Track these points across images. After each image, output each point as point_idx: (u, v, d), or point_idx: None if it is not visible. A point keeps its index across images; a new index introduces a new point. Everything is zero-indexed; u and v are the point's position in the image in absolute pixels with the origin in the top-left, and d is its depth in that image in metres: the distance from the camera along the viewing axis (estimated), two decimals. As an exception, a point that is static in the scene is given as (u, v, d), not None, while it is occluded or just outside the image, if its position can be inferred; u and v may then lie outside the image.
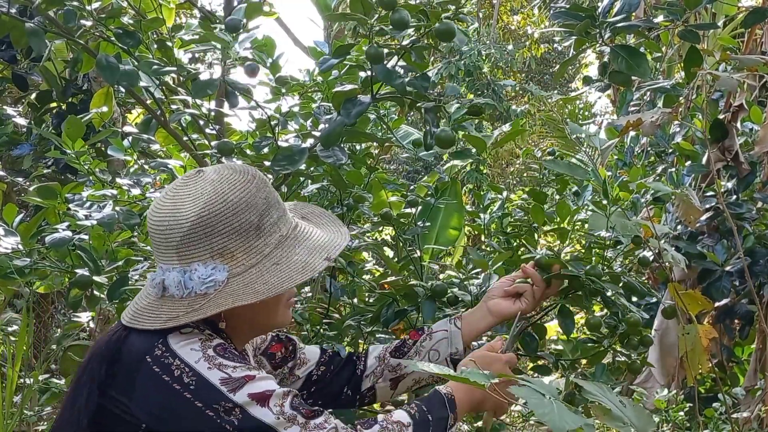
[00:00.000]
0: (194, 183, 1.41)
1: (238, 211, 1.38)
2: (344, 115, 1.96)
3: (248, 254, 1.39)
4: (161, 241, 1.39)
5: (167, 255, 1.39)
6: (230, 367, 1.32)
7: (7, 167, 4.50)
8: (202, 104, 2.20)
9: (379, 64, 1.91)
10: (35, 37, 2.17)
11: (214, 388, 1.30)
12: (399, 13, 1.86)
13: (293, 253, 1.42)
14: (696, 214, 2.92)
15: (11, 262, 2.24)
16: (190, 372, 1.31)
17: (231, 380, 1.31)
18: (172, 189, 1.43)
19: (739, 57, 2.36)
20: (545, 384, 1.13)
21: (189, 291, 1.37)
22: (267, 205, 1.42)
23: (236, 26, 2.04)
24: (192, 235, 1.37)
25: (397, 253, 2.83)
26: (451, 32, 1.90)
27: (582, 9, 2.05)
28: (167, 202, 1.41)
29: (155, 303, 1.41)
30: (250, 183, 1.41)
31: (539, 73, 15.13)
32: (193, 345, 1.34)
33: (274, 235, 1.42)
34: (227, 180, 1.40)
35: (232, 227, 1.37)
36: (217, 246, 1.37)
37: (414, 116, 2.28)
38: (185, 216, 1.37)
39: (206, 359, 1.32)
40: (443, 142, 2.04)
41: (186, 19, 4.52)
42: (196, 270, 1.37)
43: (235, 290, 1.37)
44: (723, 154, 3.08)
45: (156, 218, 1.40)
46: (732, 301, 3.25)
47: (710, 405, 3.35)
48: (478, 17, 13.89)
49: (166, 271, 1.39)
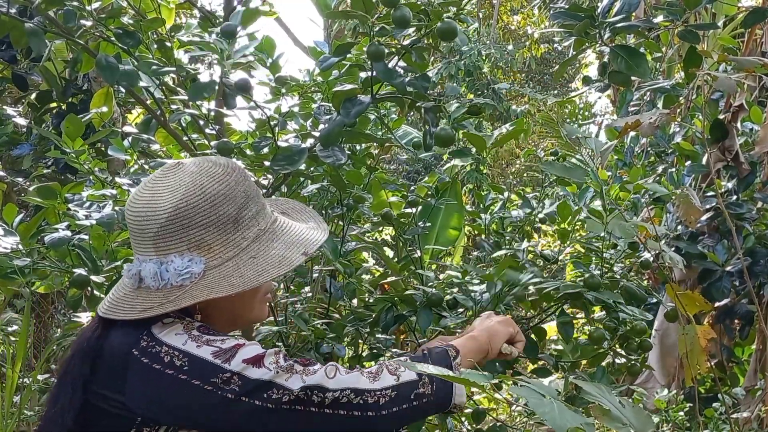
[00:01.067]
0: (173, 174, 1.41)
1: (217, 203, 1.38)
2: (344, 115, 1.96)
3: (225, 247, 1.38)
4: (138, 232, 1.39)
5: (144, 246, 1.39)
6: (218, 341, 1.33)
7: (7, 167, 4.50)
8: (201, 104, 2.20)
9: (379, 62, 1.90)
10: (35, 37, 2.17)
11: (208, 363, 1.30)
12: (401, 10, 1.86)
13: (271, 247, 1.42)
14: (696, 215, 2.92)
15: (11, 262, 2.24)
16: (180, 354, 1.31)
17: (222, 351, 1.31)
18: (150, 180, 1.42)
19: (737, 58, 2.36)
20: (544, 385, 1.13)
21: (165, 282, 1.37)
22: (246, 199, 1.41)
23: (232, 32, 2.04)
24: (169, 226, 1.36)
25: (397, 253, 2.83)
26: (452, 32, 1.89)
27: (581, 9, 2.05)
28: (145, 193, 1.40)
29: (131, 294, 1.40)
30: (229, 176, 1.40)
31: (539, 73, 15.12)
32: (177, 330, 1.35)
33: (252, 229, 1.42)
34: (206, 172, 1.40)
35: (210, 219, 1.37)
36: (194, 238, 1.37)
37: (414, 116, 2.27)
38: (162, 207, 1.36)
39: (193, 339, 1.33)
40: (443, 141, 2.03)
41: (186, 19, 4.52)
42: (172, 261, 1.36)
43: (211, 282, 1.37)
44: (723, 154, 3.08)
45: (134, 209, 1.39)
46: (732, 302, 3.25)
47: (710, 405, 3.35)
48: (478, 17, 13.89)
49: (143, 263, 1.39)
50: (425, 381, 1.42)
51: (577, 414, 1.06)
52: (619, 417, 1.13)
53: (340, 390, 1.34)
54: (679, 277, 3.18)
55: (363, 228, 2.60)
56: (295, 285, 2.50)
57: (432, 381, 1.42)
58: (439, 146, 2.09)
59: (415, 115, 2.13)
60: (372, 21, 1.88)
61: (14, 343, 4.65)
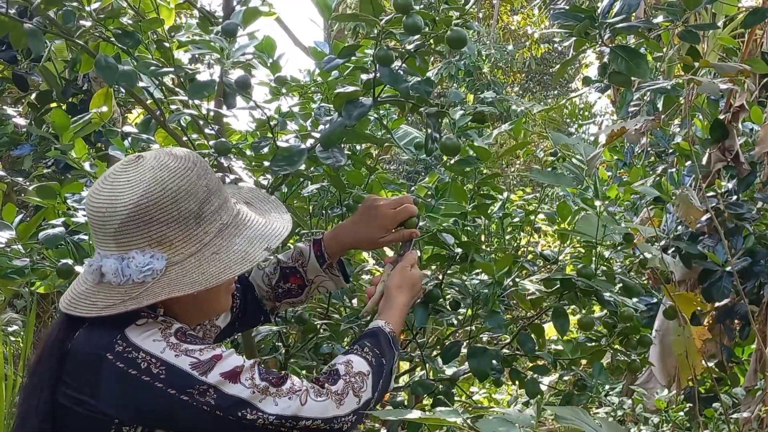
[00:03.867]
0: (133, 169, 1.39)
1: (178, 199, 1.36)
2: (345, 117, 1.96)
3: (187, 243, 1.37)
4: (99, 227, 1.37)
5: (105, 242, 1.38)
6: (197, 351, 1.33)
7: (7, 167, 4.50)
8: (201, 104, 2.20)
9: (387, 65, 1.90)
10: (34, 38, 2.17)
11: (185, 374, 1.30)
12: (413, 17, 1.86)
13: (233, 243, 1.41)
14: (696, 215, 2.92)
15: (11, 262, 2.24)
16: (157, 362, 1.31)
17: (200, 363, 1.32)
18: (110, 175, 1.40)
19: (717, 65, 2.36)
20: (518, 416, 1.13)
21: (126, 279, 1.35)
22: (208, 193, 1.40)
23: (233, 31, 2.04)
24: (130, 223, 1.35)
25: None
26: (462, 40, 1.89)
27: (581, 10, 2.05)
28: (105, 187, 1.38)
29: (92, 289, 1.39)
30: (190, 171, 1.39)
31: (539, 73, 15.11)
32: (154, 336, 1.34)
33: (215, 224, 1.40)
34: (166, 167, 1.38)
35: (171, 215, 1.36)
36: (156, 234, 1.35)
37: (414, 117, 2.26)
38: (123, 203, 1.35)
39: (171, 347, 1.32)
40: (449, 150, 2.03)
41: (186, 19, 4.52)
42: (133, 258, 1.35)
43: (173, 279, 1.36)
44: (723, 154, 3.08)
45: (94, 204, 1.38)
46: (732, 302, 3.24)
47: (710, 405, 3.35)
48: (478, 17, 13.88)
49: (104, 258, 1.37)
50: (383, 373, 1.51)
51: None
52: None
53: (312, 419, 1.37)
54: (679, 277, 3.18)
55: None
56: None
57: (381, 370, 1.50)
58: (445, 155, 2.09)
59: (415, 116, 2.13)
60: (381, 25, 1.88)
61: (14, 343, 4.65)
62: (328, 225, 2.43)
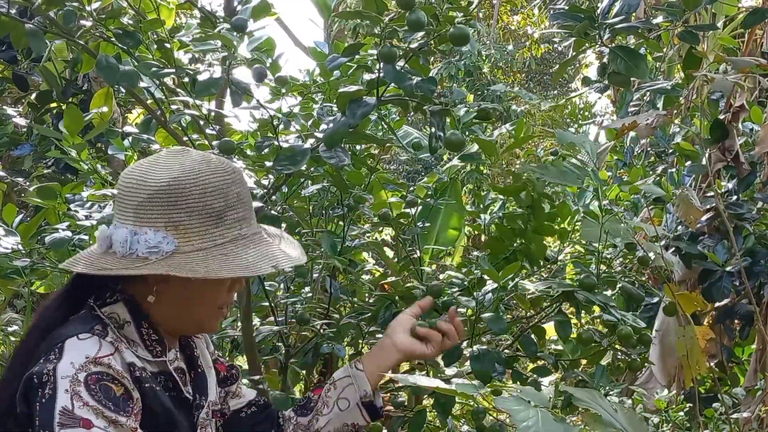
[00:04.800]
0: (175, 156, 1.42)
1: (207, 192, 1.38)
2: (349, 116, 1.96)
3: (201, 237, 1.38)
4: (124, 198, 1.39)
5: (125, 213, 1.39)
6: (81, 401, 1.27)
7: (7, 167, 4.50)
8: (202, 104, 2.20)
9: (391, 63, 1.91)
10: (35, 38, 2.17)
11: (51, 413, 1.26)
12: (416, 13, 1.86)
13: (244, 252, 1.41)
14: (696, 215, 2.92)
15: (11, 262, 2.24)
16: (53, 385, 1.28)
17: (69, 414, 1.26)
18: (154, 156, 1.44)
19: (734, 59, 2.36)
20: (535, 393, 1.12)
21: (131, 252, 1.36)
22: (237, 201, 1.41)
23: (243, 26, 2.04)
24: (154, 199, 1.36)
25: (397, 253, 2.83)
26: (465, 37, 1.90)
27: (581, 10, 2.05)
28: (144, 164, 1.41)
29: (96, 254, 1.41)
30: (228, 174, 1.41)
31: (539, 73, 15.11)
32: (76, 359, 1.30)
33: (233, 230, 1.41)
34: (208, 162, 1.41)
35: (195, 206, 1.37)
36: (175, 219, 1.37)
37: (414, 117, 2.27)
38: (154, 180, 1.37)
39: (71, 381, 1.28)
40: (453, 145, 2.04)
41: (186, 19, 4.52)
42: (145, 233, 1.36)
43: (175, 263, 1.36)
44: (723, 154, 3.08)
45: (128, 175, 1.41)
46: (732, 302, 3.25)
47: (710, 405, 3.35)
48: (478, 17, 13.88)
49: (117, 228, 1.39)
50: None
51: (562, 423, 1.06)
52: (611, 422, 1.12)
53: None
54: (679, 277, 3.18)
55: (363, 228, 2.60)
56: (295, 285, 2.51)
57: None
58: (450, 150, 2.09)
59: (416, 116, 2.13)
60: (385, 22, 1.88)
61: (14, 343, 4.65)
62: (329, 225, 2.43)
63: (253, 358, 2.23)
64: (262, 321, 2.47)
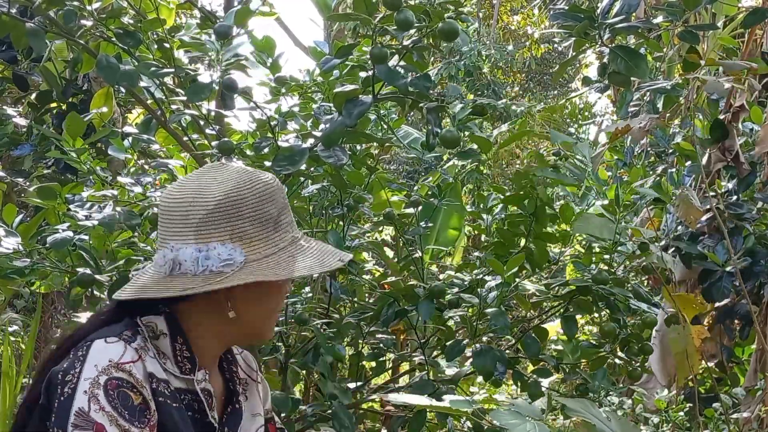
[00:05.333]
0: (220, 169, 1.44)
1: (264, 199, 1.41)
2: (345, 116, 1.96)
3: (265, 244, 1.40)
4: (180, 217, 1.39)
5: (183, 233, 1.38)
6: (98, 405, 1.27)
7: (7, 167, 4.50)
8: (201, 105, 2.20)
9: (382, 64, 1.91)
10: (35, 38, 2.17)
11: (67, 412, 1.26)
12: (403, 13, 1.87)
13: (308, 252, 1.44)
14: (696, 215, 2.92)
15: (11, 262, 2.23)
16: (74, 384, 1.28)
17: (84, 416, 1.26)
18: (195, 173, 1.45)
19: (725, 63, 2.36)
20: (528, 406, 1.13)
21: (204, 269, 1.36)
22: (284, 205, 1.45)
23: (226, 33, 2.04)
24: (216, 213, 1.37)
25: (397, 253, 2.83)
26: (454, 32, 1.90)
27: (581, 10, 2.05)
28: (192, 182, 1.42)
29: (164, 279, 1.39)
30: (273, 180, 1.45)
31: (539, 73, 15.10)
32: (100, 362, 1.30)
33: (288, 234, 1.44)
34: (253, 172, 1.45)
35: (255, 213, 1.40)
36: (238, 229, 1.38)
37: (414, 116, 2.26)
38: (212, 194, 1.38)
39: (92, 383, 1.28)
40: (448, 142, 2.04)
41: (186, 19, 4.52)
42: (215, 248, 1.37)
43: (252, 272, 1.37)
44: (723, 154, 3.08)
45: (177, 195, 1.40)
46: (732, 302, 3.24)
47: (710, 405, 3.35)
48: (478, 17, 13.88)
49: (179, 249, 1.38)
50: None
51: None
52: (604, 430, 1.13)
53: None
54: (679, 278, 3.18)
55: (363, 228, 2.60)
56: (295, 285, 2.51)
57: None
58: (445, 147, 2.10)
59: (416, 116, 2.13)
60: (375, 23, 1.88)
61: (14, 343, 4.65)
62: (329, 225, 2.43)
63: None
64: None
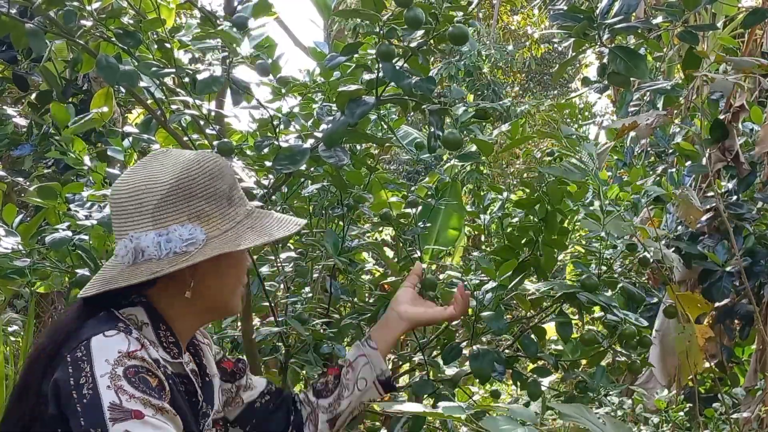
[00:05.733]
0: (165, 155, 1.46)
1: (214, 177, 1.44)
2: (348, 116, 1.96)
3: (223, 219, 1.43)
4: (134, 207, 1.40)
5: (140, 222, 1.40)
6: (127, 395, 1.28)
7: (7, 167, 4.50)
8: (202, 104, 2.20)
9: (389, 61, 1.91)
10: (35, 38, 2.17)
11: (99, 410, 1.26)
12: (414, 11, 1.87)
13: (265, 221, 1.48)
14: (696, 215, 2.92)
15: (11, 262, 2.24)
16: (91, 384, 1.28)
17: (119, 408, 1.27)
18: (140, 163, 1.47)
19: (735, 59, 2.36)
20: (522, 411, 1.13)
21: (168, 251, 1.38)
22: (234, 181, 1.49)
23: (244, 24, 2.04)
24: (171, 197, 1.40)
25: (397, 253, 2.83)
26: (464, 36, 1.90)
27: (581, 10, 2.05)
28: (139, 172, 1.44)
29: (130, 269, 1.40)
30: (218, 159, 1.48)
31: (539, 73, 15.10)
32: (109, 355, 1.31)
33: (243, 207, 1.48)
34: (198, 153, 1.49)
35: (208, 191, 1.42)
36: (195, 209, 1.41)
37: (414, 117, 2.27)
38: (163, 179, 1.40)
39: (111, 377, 1.29)
40: (450, 144, 2.04)
41: (186, 19, 4.52)
42: (175, 230, 1.39)
43: (216, 247, 1.40)
44: (723, 155, 3.08)
45: (127, 185, 1.42)
46: (732, 302, 3.25)
47: (710, 405, 3.35)
48: (478, 17, 13.87)
49: (139, 237, 1.39)
50: None
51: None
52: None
53: None
54: (679, 278, 3.18)
55: (363, 228, 2.60)
56: (295, 285, 2.50)
57: None
58: (447, 149, 2.10)
59: (415, 116, 2.13)
60: (383, 21, 1.88)
61: (14, 343, 4.65)
62: (329, 225, 2.43)
63: (253, 358, 2.23)
64: (262, 321, 2.47)
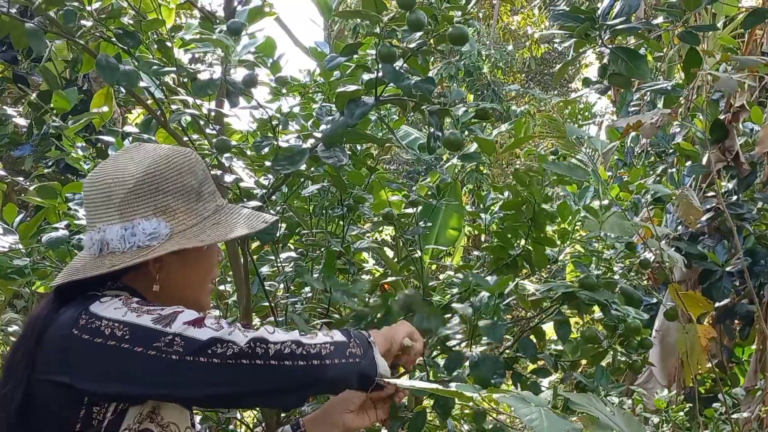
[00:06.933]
0: (136, 149, 1.48)
1: (182, 172, 1.45)
2: (347, 116, 1.96)
3: (189, 215, 1.44)
4: (102, 199, 1.42)
5: (107, 213, 1.41)
6: (157, 309, 1.34)
7: (7, 167, 4.50)
8: (202, 104, 2.20)
9: (389, 63, 1.91)
10: (35, 38, 2.17)
11: (149, 330, 1.31)
12: (416, 13, 1.87)
13: (232, 218, 1.49)
14: (696, 215, 2.92)
15: (11, 262, 2.24)
16: (120, 325, 1.32)
17: (162, 318, 1.32)
18: (112, 156, 1.49)
19: (740, 58, 2.36)
20: (534, 396, 1.13)
21: (131, 245, 1.39)
22: (205, 176, 1.50)
23: (238, 29, 2.04)
24: (137, 190, 1.41)
25: (397, 253, 2.83)
26: (464, 37, 1.90)
27: (581, 11, 2.05)
28: (109, 164, 1.46)
29: (95, 260, 1.41)
30: (190, 153, 1.49)
31: (539, 73, 15.12)
32: (115, 305, 1.35)
33: (212, 203, 1.49)
34: (169, 148, 1.50)
35: (176, 187, 1.44)
36: (161, 204, 1.42)
37: (414, 117, 2.28)
38: (131, 173, 1.42)
39: (132, 310, 1.34)
40: (452, 145, 2.04)
41: (186, 19, 4.52)
42: (140, 224, 1.40)
43: (178, 241, 1.41)
44: (723, 155, 3.08)
45: (97, 179, 1.43)
46: (732, 302, 3.25)
47: (710, 405, 3.35)
48: (478, 17, 13.88)
49: (105, 229, 1.40)
50: (354, 343, 1.45)
51: (565, 420, 1.06)
52: (608, 425, 1.12)
53: (281, 342, 1.35)
54: (679, 278, 3.18)
55: (363, 228, 2.60)
56: (295, 285, 2.50)
57: (359, 345, 1.45)
58: (448, 150, 2.10)
59: (415, 116, 2.13)
60: (384, 22, 1.88)
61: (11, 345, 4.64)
62: (329, 225, 2.43)
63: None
64: (262, 321, 2.47)
